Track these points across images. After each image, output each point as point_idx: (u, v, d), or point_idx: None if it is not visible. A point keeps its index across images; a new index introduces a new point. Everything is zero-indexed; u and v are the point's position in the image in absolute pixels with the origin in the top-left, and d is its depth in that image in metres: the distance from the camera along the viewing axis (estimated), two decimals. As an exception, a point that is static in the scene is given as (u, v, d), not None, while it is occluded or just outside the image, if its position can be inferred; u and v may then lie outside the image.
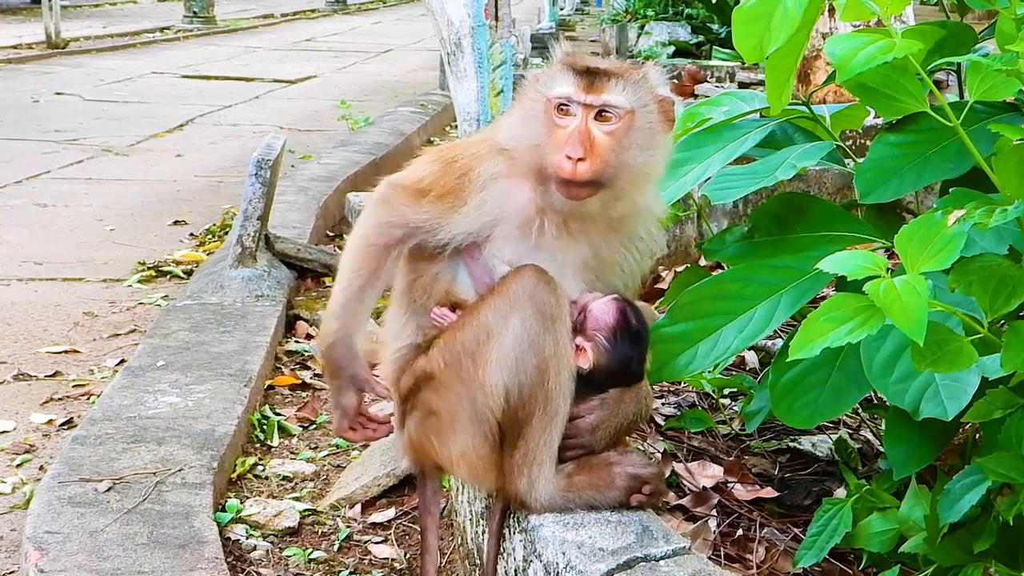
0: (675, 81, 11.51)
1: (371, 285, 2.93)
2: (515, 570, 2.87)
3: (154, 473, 3.93)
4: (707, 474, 3.55)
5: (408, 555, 3.78)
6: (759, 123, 3.45)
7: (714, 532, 3.22)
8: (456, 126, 6.47)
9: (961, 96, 3.08)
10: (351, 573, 3.70)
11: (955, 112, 2.57)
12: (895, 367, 2.75)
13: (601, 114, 2.78)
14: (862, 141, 6.53)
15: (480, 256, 2.90)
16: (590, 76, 2.78)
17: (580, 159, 2.73)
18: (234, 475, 4.26)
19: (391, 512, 4.02)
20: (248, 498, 4.10)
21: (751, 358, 4.35)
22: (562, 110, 2.79)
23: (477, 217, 2.85)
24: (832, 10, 6.95)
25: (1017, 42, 2.43)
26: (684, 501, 3.38)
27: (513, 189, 2.86)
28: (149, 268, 7.14)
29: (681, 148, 3.47)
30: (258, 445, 4.61)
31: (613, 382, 2.90)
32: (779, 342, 4.09)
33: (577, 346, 2.85)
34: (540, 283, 2.77)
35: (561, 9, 24.59)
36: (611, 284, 2.96)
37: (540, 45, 14.74)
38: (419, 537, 3.82)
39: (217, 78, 16.87)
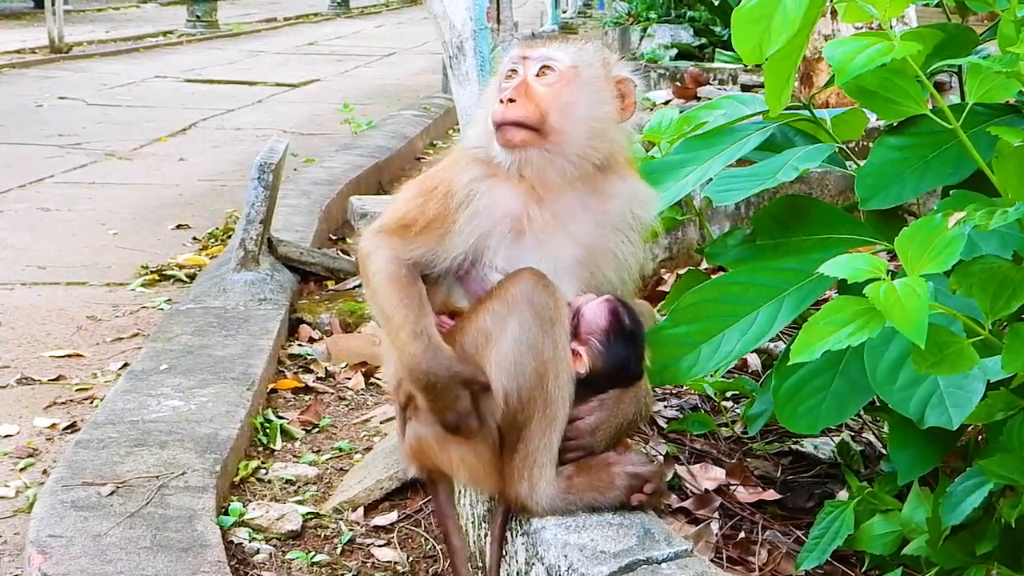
0: (678, 83, 11.51)
1: (422, 303, 2.87)
2: (517, 573, 2.87)
3: (157, 477, 3.94)
4: (709, 476, 3.55)
5: (411, 558, 3.78)
6: (760, 126, 3.45)
7: (716, 534, 3.22)
8: (459, 129, 6.48)
9: (962, 98, 3.08)
10: (354, 576, 3.71)
11: (955, 114, 2.57)
12: (899, 374, 2.74)
13: (542, 70, 2.88)
14: (864, 143, 6.53)
15: (473, 269, 2.91)
16: (533, 39, 2.88)
17: (511, 100, 2.84)
18: (237, 479, 4.26)
19: (394, 515, 4.02)
20: (251, 502, 4.10)
21: (753, 360, 4.35)
22: (508, 75, 2.91)
23: (471, 232, 2.86)
24: (835, 12, 6.95)
25: (1018, 44, 2.43)
26: (686, 503, 3.38)
27: (494, 190, 2.88)
28: (152, 272, 7.14)
29: (681, 150, 3.47)
30: (261, 449, 4.61)
31: (611, 383, 2.90)
32: (781, 345, 4.09)
33: (573, 351, 2.85)
34: (538, 286, 2.77)
35: (563, 12, 24.59)
36: (607, 279, 2.96)
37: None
38: (422, 540, 3.83)
39: (220, 82, 16.88)
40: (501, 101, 2.84)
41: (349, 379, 5.37)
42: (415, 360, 2.81)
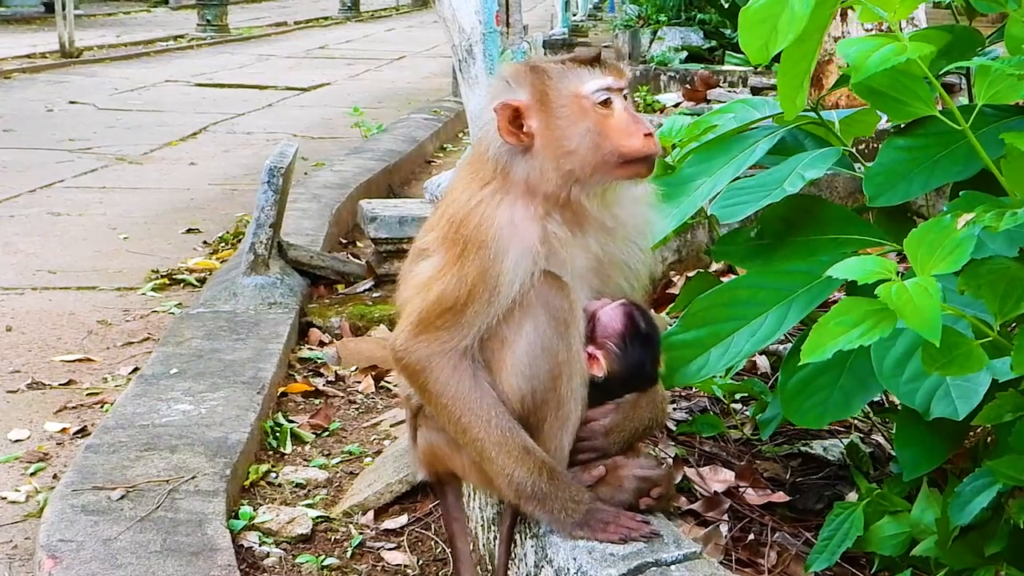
0: (688, 86, 11.52)
1: (503, 409, 2.78)
2: (527, 575, 2.87)
3: (167, 481, 3.94)
4: (719, 479, 3.55)
5: (421, 562, 3.78)
6: (769, 130, 3.44)
7: (726, 537, 3.22)
8: (468, 132, 6.48)
9: (971, 100, 3.08)
10: (364, 579, 3.71)
11: (964, 115, 2.57)
12: (906, 367, 2.75)
13: (628, 95, 2.83)
14: (874, 145, 6.52)
15: None
16: (607, 64, 2.79)
17: (651, 133, 2.75)
18: (247, 482, 4.26)
19: (404, 519, 4.02)
20: (261, 505, 4.11)
21: (763, 363, 4.35)
22: (603, 103, 2.75)
23: (520, 274, 2.74)
24: (844, 14, 6.96)
25: (1026, 45, 2.43)
26: (695, 506, 3.38)
27: (518, 226, 2.76)
28: (163, 276, 7.16)
29: (691, 163, 3.45)
30: (271, 452, 4.61)
31: (628, 387, 2.89)
32: (790, 346, 4.09)
33: (589, 355, 2.85)
34: (553, 289, 2.76)
35: (574, 15, 24.58)
36: (618, 286, 2.94)
37: (553, 52, 14.75)
38: (432, 544, 3.83)
39: (230, 86, 16.92)
40: (648, 135, 2.71)
41: (359, 383, 5.37)
42: (530, 481, 2.75)
